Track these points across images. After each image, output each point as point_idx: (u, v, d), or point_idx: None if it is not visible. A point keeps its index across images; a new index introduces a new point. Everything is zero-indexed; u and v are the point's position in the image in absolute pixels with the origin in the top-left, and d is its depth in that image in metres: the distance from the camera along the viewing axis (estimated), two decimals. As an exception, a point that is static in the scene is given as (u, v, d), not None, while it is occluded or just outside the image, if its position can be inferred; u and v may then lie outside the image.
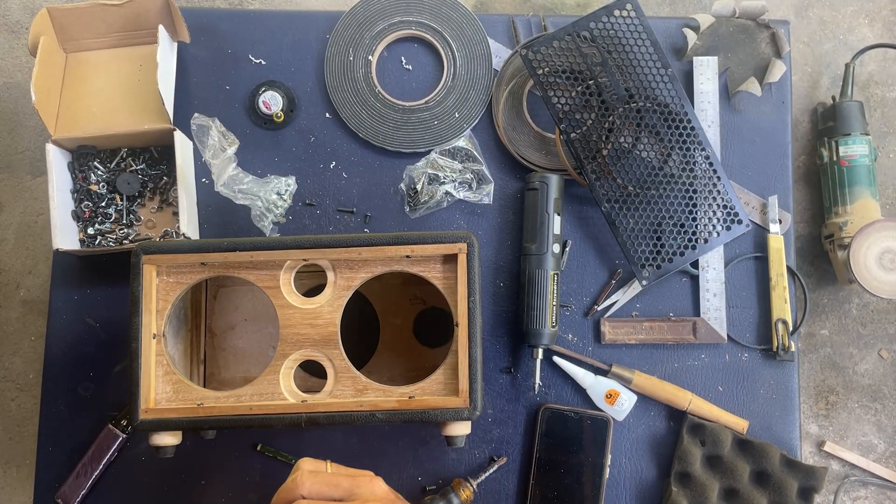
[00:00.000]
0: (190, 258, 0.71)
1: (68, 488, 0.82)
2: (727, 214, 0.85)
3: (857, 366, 1.21)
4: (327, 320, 0.71)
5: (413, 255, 0.71)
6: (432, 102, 0.89)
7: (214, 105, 0.90)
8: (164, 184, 0.87)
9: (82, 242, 0.85)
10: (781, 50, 0.89)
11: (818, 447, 1.20)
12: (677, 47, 0.91)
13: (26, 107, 1.32)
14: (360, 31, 0.90)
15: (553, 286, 0.81)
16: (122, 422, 0.83)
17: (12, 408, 1.26)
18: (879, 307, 1.22)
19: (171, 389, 0.71)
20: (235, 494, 0.83)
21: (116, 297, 0.87)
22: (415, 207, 0.87)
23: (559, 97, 0.83)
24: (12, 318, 1.28)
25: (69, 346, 0.86)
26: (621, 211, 0.84)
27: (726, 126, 0.89)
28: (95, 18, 0.86)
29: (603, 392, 0.82)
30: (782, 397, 0.86)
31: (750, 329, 0.87)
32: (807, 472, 0.81)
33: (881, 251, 0.94)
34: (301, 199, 0.88)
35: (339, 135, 0.90)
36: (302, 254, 0.71)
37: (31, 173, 1.30)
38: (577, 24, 0.84)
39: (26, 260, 1.29)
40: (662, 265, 0.84)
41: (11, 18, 1.35)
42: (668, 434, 0.85)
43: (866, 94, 1.27)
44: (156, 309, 0.71)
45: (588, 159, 0.84)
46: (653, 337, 0.86)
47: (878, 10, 1.30)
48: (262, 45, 0.91)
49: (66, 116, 0.86)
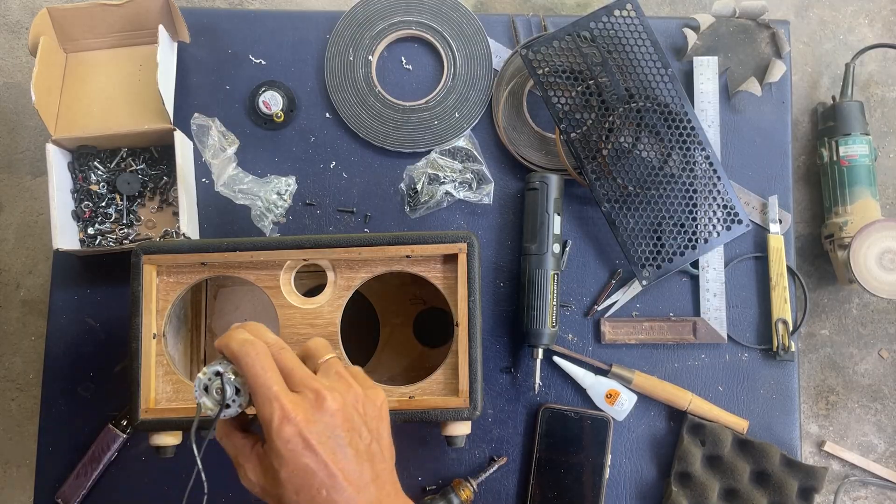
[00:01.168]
0: (190, 258, 0.71)
1: (68, 488, 0.82)
2: (727, 214, 0.85)
3: (857, 366, 1.21)
4: (327, 320, 0.71)
5: (413, 255, 0.71)
6: (432, 102, 0.89)
7: (214, 105, 0.90)
8: (164, 184, 0.87)
9: (82, 242, 0.85)
10: (781, 50, 0.89)
11: (818, 447, 1.20)
12: (677, 47, 0.91)
13: (26, 107, 1.32)
14: (360, 31, 0.90)
15: (553, 286, 0.81)
16: (122, 422, 0.83)
17: (12, 408, 1.26)
18: (879, 307, 1.22)
19: (171, 389, 0.71)
20: (235, 494, 0.83)
21: (116, 297, 0.87)
22: (415, 207, 0.87)
23: (559, 97, 0.83)
24: (12, 318, 1.28)
25: (69, 346, 0.86)
26: (621, 211, 0.84)
27: (726, 126, 0.89)
28: (95, 18, 0.86)
29: (603, 392, 0.82)
30: (782, 397, 0.86)
31: (750, 329, 0.87)
32: (807, 472, 0.81)
33: (881, 251, 0.94)
34: (301, 199, 0.88)
35: (339, 135, 0.90)
36: (302, 254, 0.71)
37: (31, 173, 1.30)
38: (577, 24, 0.84)
39: (26, 260, 1.29)
40: (662, 265, 0.84)
41: (11, 18, 1.35)
42: (668, 434, 0.85)
43: (866, 94, 1.27)
44: (156, 309, 0.71)
45: (588, 159, 0.84)
46: (653, 337, 0.86)
47: (878, 10, 1.30)
48: (262, 45, 0.91)
49: (66, 116, 0.86)
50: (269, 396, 0.48)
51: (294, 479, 0.48)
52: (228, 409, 0.51)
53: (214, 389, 0.51)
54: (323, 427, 0.48)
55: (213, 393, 0.52)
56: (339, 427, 0.49)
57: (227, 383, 0.51)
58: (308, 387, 0.50)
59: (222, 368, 0.52)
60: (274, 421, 0.47)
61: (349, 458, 0.49)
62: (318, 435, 0.48)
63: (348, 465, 0.48)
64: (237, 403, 0.52)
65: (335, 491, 0.47)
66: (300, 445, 0.47)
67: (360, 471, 0.49)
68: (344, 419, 0.49)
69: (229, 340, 0.51)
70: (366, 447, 0.50)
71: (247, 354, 0.49)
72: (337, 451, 0.48)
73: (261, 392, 0.48)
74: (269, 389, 0.48)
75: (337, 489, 0.47)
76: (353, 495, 0.48)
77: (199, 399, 0.52)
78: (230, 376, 0.51)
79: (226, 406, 0.51)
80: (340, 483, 0.48)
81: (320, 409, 0.48)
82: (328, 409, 0.49)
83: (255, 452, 0.51)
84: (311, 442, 0.47)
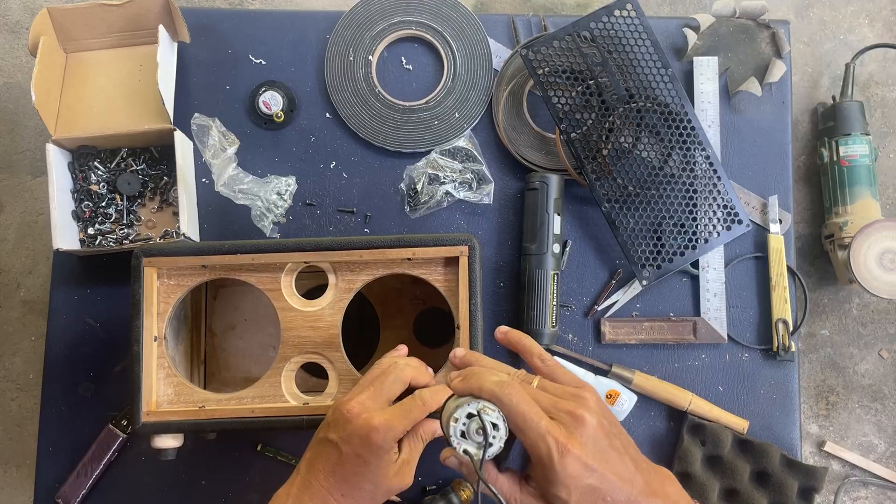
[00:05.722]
0: (191, 261, 0.71)
1: (68, 488, 0.82)
2: (727, 214, 0.85)
3: (858, 366, 1.21)
4: (328, 323, 0.71)
5: (414, 258, 0.71)
6: (432, 102, 0.89)
7: (214, 105, 0.90)
8: (164, 184, 0.87)
9: (82, 242, 0.85)
10: (781, 50, 0.89)
11: (818, 447, 1.20)
12: (677, 47, 0.91)
13: (26, 107, 1.31)
14: (360, 31, 0.90)
15: (553, 286, 0.81)
16: (122, 422, 0.83)
17: (12, 408, 1.26)
18: (879, 307, 1.22)
19: (172, 392, 0.71)
20: (236, 494, 0.83)
21: (116, 297, 0.87)
22: (415, 207, 0.87)
23: (559, 97, 0.83)
24: (12, 318, 1.27)
25: (69, 346, 0.86)
26: (621, 211, 0.84)
27: (726, 126, 0.89)
28: (95, 18, 0.86)
29: (603, 392, 0.82)
30: (782, 397, 0.86)
31: (750, 329, 0.87)
32: (807, 472, 0.81)
33: (881, 251, 0.94)
34: (301, 199, 0.88)
35: (339, 135, 0.90)
36: (303, 256, 0.71)
37: (31, 173, 1.30)
38: (578, 24, 0.84)
39: (26, 260, 1.29)
40: (662, 265, 0.84)
41: (11, 18, 1.35)
42: (668, 434, 0.85)
43: (866, 94, 1.27)
44: (157, 311, 0.71)
45: (588, 159, 0.84)
46: (653, 337, 0.86)
47: (878, 10, 1.30)
48: (262, 45, 0.91)
49: (67, 116, 0.86)
50: (540, 433, 0.50)
51: (583, 499, 0.51)
52: (491, 447, 0.51)
53: (474, 431, 0.51)
54: (592, 445, 0.51)
55: (473, 435, 0.51)
56: (601, 438, 0.52)
57: (486, 421, 0.51)
58: (562, 410, 0.52)
59: (474, 409, 0.51)
60: (554, 455, 0.50)
61: (616, 461, 0.52)
62: (593, 455, 0.51)
63: (617, 467, 0.52)
64: (497, 438, 0.52)
65: (615, 493, 0.51)
66: (582, 470, 0.50)
67: (625, 465, 0.52)
68: (599, 428, 0.52)
69: (482, 382, 0.53)
70: (620, 444, 0.53)
71: (510, 395, 0.51)
72: (608, 460, 0.52)
73: (531, 430, 0.50)
74: (539, 425, 0.50)
75: (616, 491, 0.51)
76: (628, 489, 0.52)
77: (461, 448, 0.51)
78: (486, 412, 0.51)
79: (488, 445, 0.51)
80: (617, 485, 0.51)
81: (583, 430, 0.51)
82: (588, 426, 0.51)
83: (525, 491, 0.54)
84: (590, 464, 0.50)
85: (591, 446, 0.51)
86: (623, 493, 0.51)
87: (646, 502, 0.52)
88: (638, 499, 0.52)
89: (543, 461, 0.50)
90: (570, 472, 0.50)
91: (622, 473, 0.52)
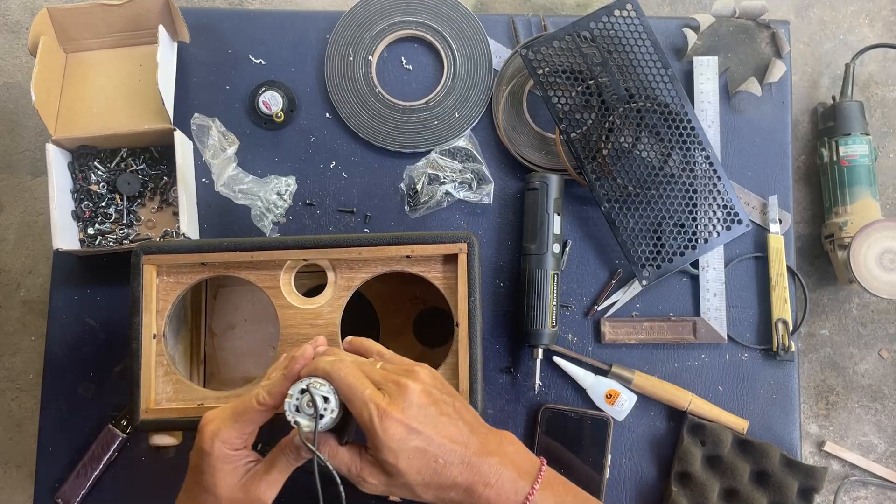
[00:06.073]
0: (190, 258, 0.71)
1: (68, 488, 0.82)
2: (727, 214, 0.85)
3: (858, 366, 1.21)
4: (327, 320, 0.71)
5: (413, 256, 0.71)
6: (432, 102, 0.89)
7: (214, 105, 0.90)
8: (164, 184, 0.87)
9: (82, 242, 0.85)
10: (781, 50, 0.89)
11: (818, 447, 1.20)
12: (677, 47, 0.91)
13: (26, 107, 1.32)
14: (360, 31, 0.90)
15: (553, 286, 0.81)
16: (122, 422, 0.83)
17: (12, 408, 1.26)
18: (879, 307, 1.22)
19: (171, 389, 0.71)
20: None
21: (116, 297, 0.87)
22: (415, 207, 0.87)
23: (559, 97, 0.83)
24: (12, 318, 1.28)
25: (69, 346, 0.86)
26: (621, 211, 0.84)
27: (726, 126, 0.89)
28: (95, 18, 0.86)
29: (603, 392, 0.82)
30: (782, 397, 0.86)
31: (750, 329, 0.87)
32: (807, 472, 0.81)
33: (881, 251, 0.94)
34: (301, 199, 0.88)
35: (339, 135, 0.90)
36: (302, 254, 0.71)
37: (31, 173, 1.31)
38: (577, 24, 0.84)
39: (26, 260, 1.29)
40: (662, 265, 0.84)
41: (11, 18, 1.35)
42: (668, 434, 0.85)
43: (866, 94, 1.27)
44: (156, 309, 0.71)
45: (588, 159, 0.84)
46: (653, 337, 0.86)
47: (878, 10, 1.30)
48: (262, 45, 0.91)
49: (66, 116, 0.86)
50: (364, 401, 0.53)
51: (412, 462, 0.53)
52: (323, 418, 0.54)
53: (305, 404, 0.54)
54: (416, 409, 0.54)
55: (305, 408, 0.55)
56: (427, 403, 0.54)
57: (315, 394, 0.54)
58: (388, 381, 0.55)
59: (304, 384, 0.55)
60: (375, 420, 0.52)
61: (446, 425, 0.55)
62: (415, 417, 0.53)
63: (448, 429, 0.54)
64: (329, 411, 0.54)
65: (447, 455, 0.54)
66: (405, 433, 0.53)
67: (458, 428, 0.55)
68: (426, 395, 0.55)
69: (318, 363, 0.56)
70: (453, 410, 0.56)
71: (338, 370, 0.54)
72: (435, 424, 0.54)
73: (356, 399, 0.53)
74: (364, 394, 0.53)
75: (448, 453, 0.54)
76: (463, 451, 0.54)
77: (293, 420, 0.54)
78: (316, 386, 0.54)
79: (320, 416, 0.54)
80: (448, 447, 0.54)
81: (406, 396, 0.54)
82: (412, 392, 0.54)
83: (365, 459, 0.55)
84: (413, 427, 0.53)
85: (414, 410, 0.53)
86: (456, 455, 0.54)
87: (480, 461, 0.54)
88: (472, 459, 0.54)
89: (367, 427, 0.53)
90: (391, 435, 0.52)
91: (454, 436, 0.54)
